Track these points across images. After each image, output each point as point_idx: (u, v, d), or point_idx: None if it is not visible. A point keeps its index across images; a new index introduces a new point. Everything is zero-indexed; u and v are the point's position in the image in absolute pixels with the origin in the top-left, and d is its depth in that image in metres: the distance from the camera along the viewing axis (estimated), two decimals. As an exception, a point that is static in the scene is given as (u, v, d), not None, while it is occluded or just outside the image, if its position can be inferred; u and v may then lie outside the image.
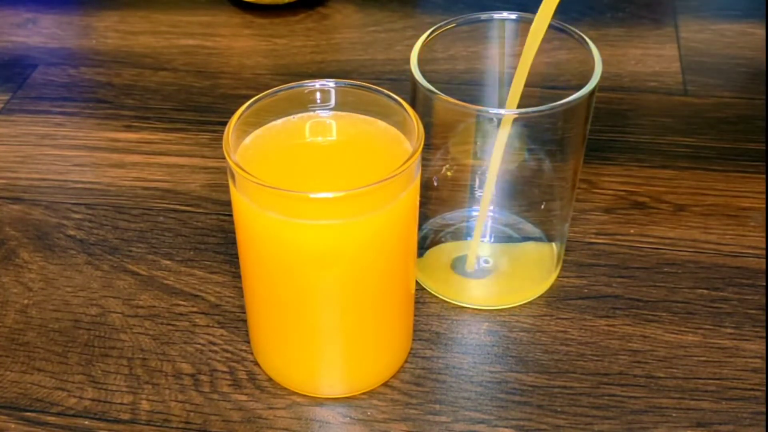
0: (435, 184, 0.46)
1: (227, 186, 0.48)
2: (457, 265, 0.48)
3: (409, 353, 0.46)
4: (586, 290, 0.49)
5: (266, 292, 0.41)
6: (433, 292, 0.49)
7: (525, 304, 0.48)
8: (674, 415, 0.42)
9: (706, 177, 0.56)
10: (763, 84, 0.64)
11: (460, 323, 0.47)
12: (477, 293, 0.48)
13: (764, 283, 0.49)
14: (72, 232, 0.53)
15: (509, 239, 0.48)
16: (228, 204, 0.54)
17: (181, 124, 0.62)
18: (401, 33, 0.71)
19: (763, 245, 0.51)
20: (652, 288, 0.49)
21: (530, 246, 0.48)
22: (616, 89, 0.64)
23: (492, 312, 0.48)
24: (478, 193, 0.46)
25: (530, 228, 0.48)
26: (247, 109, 0.40)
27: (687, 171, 0.57)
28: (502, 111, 0.41)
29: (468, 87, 0.47)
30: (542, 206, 0.47)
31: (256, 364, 0.45)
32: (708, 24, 0.71)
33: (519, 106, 0.42)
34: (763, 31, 0.70)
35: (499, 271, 0.48)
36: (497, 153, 0.42)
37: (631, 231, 0.52)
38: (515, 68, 0.42)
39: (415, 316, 0.46)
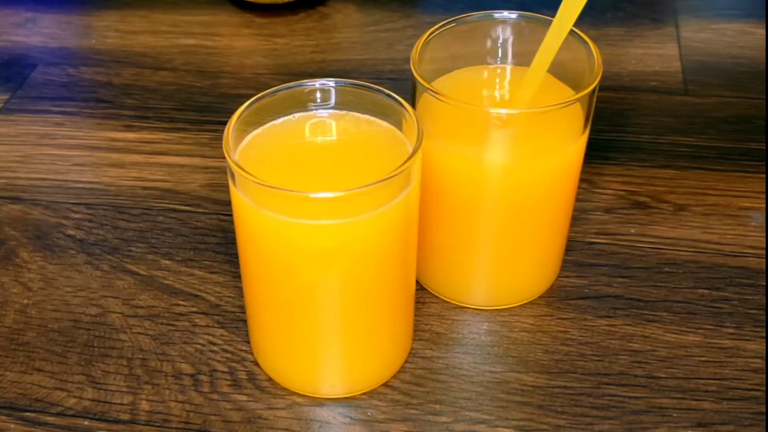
0: None
1: (227, 186, 0.48)
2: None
3: (410, 353, 0.46)
4: (586, 290, 0.49)
5: (266, 292, 0.41)
6: (433, 292, 0.49)
7: (525, 304, 0.48)
8: (675, 415, 0.42)
9: (707, 177, 0.56)
10: (763, 83, 0.64)
11: (461, 323, 0.47)
12: (477, 293, 0.48)
13: (765, 283, 0.49)
14: (72, 232, 0.53)
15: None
16: (228, 204, 0.54)
17: (181, 124, 0.62)
18: (401, 32, 0.71)
19: (764, 245, 0.51)
20: (652, 288, 0.49)
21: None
22: (616, 89, 0.64)
23: (492, 312, 0.48)
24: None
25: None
26: (247, 109, 0.40)
27: (687, 171, 0.56)
28: (502, 111, 0.41)
29: (468, 87, 0.46)
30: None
31: (256, 364, 0.45)
32: (708, 23, 0.71)
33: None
34: (763, 31, 0.70)
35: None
36: (497, 152, 0.42)
37: (632, 231, 0.52)
38: (515, 67, 0.42)
39: (415, 316, 0.46)
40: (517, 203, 0.44)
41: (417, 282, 0.48)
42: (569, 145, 0.43)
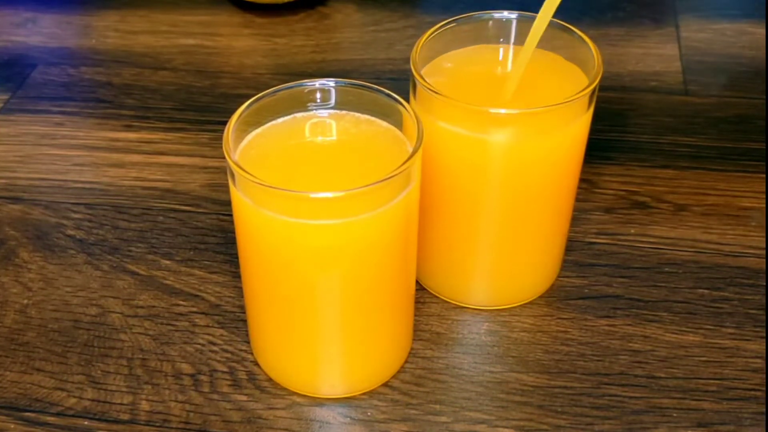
0: None
1: (227, 186, 0.48)
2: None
3: (410, 353, 0.46)
4: (586, 290, 0.49)
5: (266, 292, 0.41)
6: (433, 292, 0.49)
7: (525, 304, 0.48)
8: (675, 415, 0.42)
9: (707, 177, 0.56)
10: (763, 83, 0.64)
11: (461, 323, 0.47)
12: (477, 293, 0.48)
13: (765, 283, 0.49)
14: (71, 232, 0.53)
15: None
16: (228, 204, 0.54)
17: (181, 124, 0.62)
18: (401, 32, 0.71)
19: (764, 245, 0.51)
20: (652, 288, 0.49)
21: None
22: (616, 89, 0.64)
23: (492, 312, 0.48)
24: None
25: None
26: (247, 109, 0.40)
27: (687, 171, 0.56)
28: (502, 110, 0.41)
29: (468, 86, 0.46)
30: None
31: (256, 364, 0.45)
32: (708, 23, 0.71)
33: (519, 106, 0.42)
34: (763, 31, 0.70)
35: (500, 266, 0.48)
36: (498, 151, 0.42)
37: (632, 231, 0.52)
38: (505, 46, 0.42)
39: (415, 316, 0.46)
40: (519, 190, 0.43)
41: (417, 282, 0.48)
42: (571, 123, 0.43)
